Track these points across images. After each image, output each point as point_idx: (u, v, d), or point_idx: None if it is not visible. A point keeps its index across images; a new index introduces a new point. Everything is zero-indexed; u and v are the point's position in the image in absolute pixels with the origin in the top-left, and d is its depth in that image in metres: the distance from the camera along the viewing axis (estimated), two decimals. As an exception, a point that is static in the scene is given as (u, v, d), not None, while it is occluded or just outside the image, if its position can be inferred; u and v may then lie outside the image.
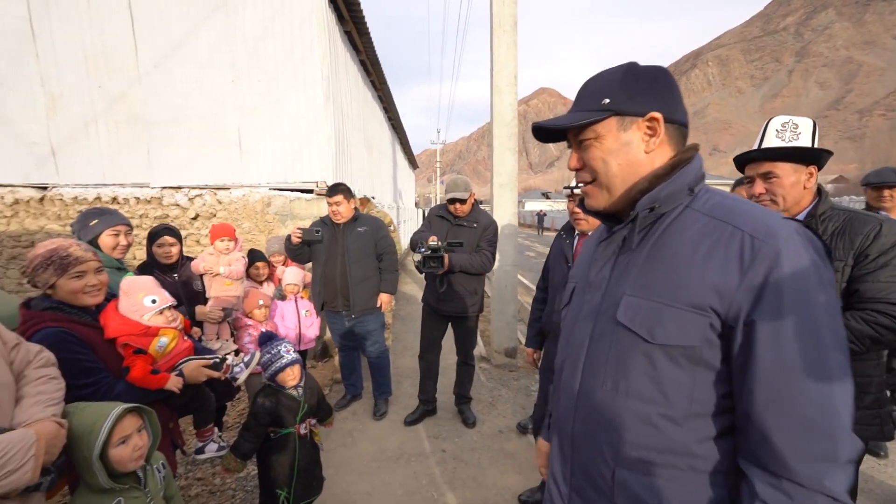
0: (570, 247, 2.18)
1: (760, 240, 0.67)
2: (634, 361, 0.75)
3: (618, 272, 0.82)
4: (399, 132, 13.53)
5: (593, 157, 0.81)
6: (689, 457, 0.72)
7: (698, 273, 0.70)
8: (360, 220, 3.16)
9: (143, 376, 1.52)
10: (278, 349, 1.93)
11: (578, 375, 0.85)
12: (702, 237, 0.72)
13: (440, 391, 3.76)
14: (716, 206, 0.75)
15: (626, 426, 0.76)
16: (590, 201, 0.86)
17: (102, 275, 1.56)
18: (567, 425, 0.87)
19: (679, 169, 0.77)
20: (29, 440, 0.96)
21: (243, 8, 4.61)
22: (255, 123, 4.82)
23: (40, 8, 4.57)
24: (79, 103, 4.75)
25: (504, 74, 3.99)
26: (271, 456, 1.94)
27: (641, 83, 0.78)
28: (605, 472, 0.79)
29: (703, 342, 0.70)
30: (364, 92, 7.55)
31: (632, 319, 0.75)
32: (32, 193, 4.85)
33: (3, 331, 1.15)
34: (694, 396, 0.71)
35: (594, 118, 0.78)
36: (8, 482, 0.90)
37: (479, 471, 2.64)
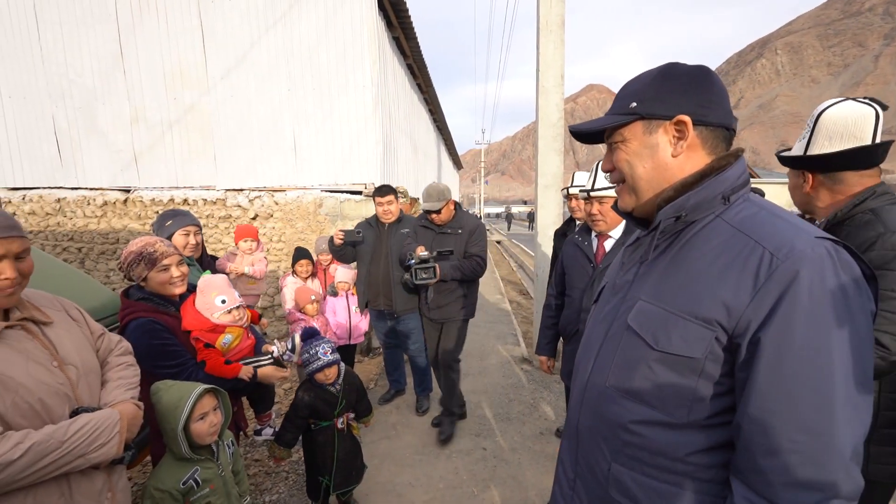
0: (591, 247, 2.16)
1: (780, 258, 0.64)
2: (637, 365, 0.77)
3: (640, 277, 0.84)
4: (444, 133, 13.69)
5: (620, 160, 0.83)
6: (682, 463, 0.73)
7: (711, 286, 0.69)
8: (404, 222, 3.27)
9: (218, 367, 1.70)
10: (316, 350, 2.04)
11: (588, 372, 0.88)
12: (722, 250, 0.71)
13: (479, 390, 3.80)
14: (746, 219, 0.72)
15: (624, 425, 0.78)
16: (620, 202, 0.89)
17: (183, 267, 1.76)
18: (574, 418, 0.91)
19: (710, 177, 0.75)
20: (114, 419, 1.09)
21: (299, 20, 4.89)
22: (309, 129, 5.10)
23: (128, 29, 5.11)
24: (157, 114, 5.26)
25: (550, 75, 3.96)
26: (313, 446, 2.09)
27: (674, 85, 0.77)
28: (602, 464, 0.82)
29: (705, 355, 0.69)
30: (411, 95, 7.73)
31: (641, 324, 0.77)
32: (118, 196, 5.42)
33: (91, 322, 1.28)
34: (693, 407, 0.71)
35: (619, 122, 0.80)
36: (99, 454, 1.04)
37: (520, 470, 2.65)
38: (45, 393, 1.02)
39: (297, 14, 4.87)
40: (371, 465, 2.67)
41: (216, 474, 1.47)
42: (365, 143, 5.05)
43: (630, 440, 0.77)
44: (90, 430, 1.03)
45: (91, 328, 1.26)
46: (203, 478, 1.42)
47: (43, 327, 1.11)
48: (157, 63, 5.15)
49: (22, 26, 5.20)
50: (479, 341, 5.18)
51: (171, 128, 5.28)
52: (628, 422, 0.77)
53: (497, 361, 4.53)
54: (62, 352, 1.11)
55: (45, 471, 0.96)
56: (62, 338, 1.13)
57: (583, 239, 2.21)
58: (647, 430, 0.75)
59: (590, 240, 2.18)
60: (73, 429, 1.01)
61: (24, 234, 1.05)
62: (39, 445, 0.94)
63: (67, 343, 1.14)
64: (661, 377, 0.73)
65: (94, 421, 1.05)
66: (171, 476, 1.38)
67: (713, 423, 0.71)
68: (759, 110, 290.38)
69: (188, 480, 1.39)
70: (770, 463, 0.63)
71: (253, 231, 3.18)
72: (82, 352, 1.16)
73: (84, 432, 1.02)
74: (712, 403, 0.70)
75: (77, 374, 1.12)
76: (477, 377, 4.12)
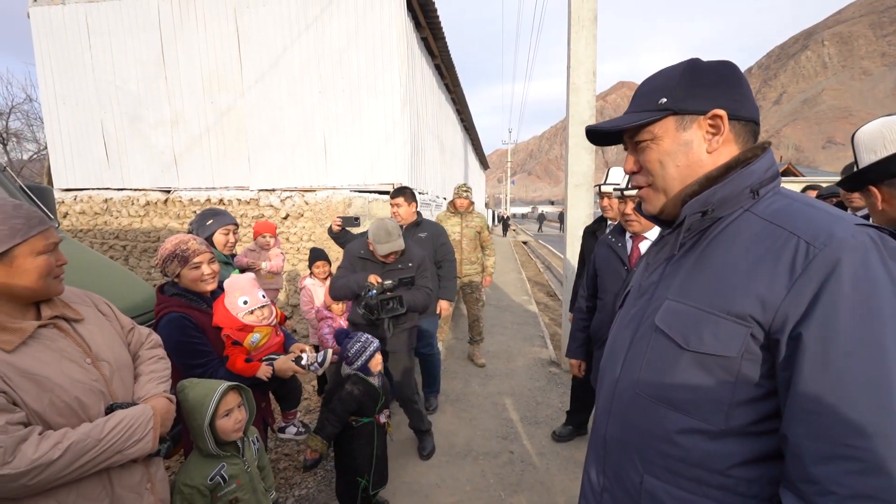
0: (625, 249, 2.08)
1: (817, 247, 0.60)
2: (668, 368, 0.72)
3: (666, 277, 0.80)
4: (471, 133, 13.65)
5: (650, 160, 0.78)
6: (723, 476, 0.67)
7: (743, 280, 0.65)
8: (423, 226, 3.27)
9: (240, 366, 1.74)
10: (366, 337, 2.09)
11: (614, 379, 0.84)
12: (753, 243, 0.67)
13: (505, 392, 3.75)
14: (778, 211, 0.68)
15: (657, 434, 0.73)
16: (646, 206, 0.84)
17: (215, 265, 1.81)
18: (602, 426, 0.87)
19: (736, 170, 0.72)
20: (148, 415, 1.11)
21: (330, 23, 4.98)
22: (339, 130, 5.19)
23: (169, 36, 5.34)
24: (195, 117, 5.48)
25: (581, 71, 3.86)
26: (352, 444, 2.07)
27: (704, 79, 0.74)
28: (634, 476, 0.77)
29: (741, 353, 0.64)
30: (438, 95, 7.74)
31: (669, 324, 0.73)
32: (159, 196, 5.68)
33: (121, 316, 1.30)
34: (731, 412, 0.66)
35: (650, 118, 0.75)
36: (135, 450, 1.07)
37: (548, 476, 2.59)
38: (81, 391, 1.04)
39: (329, 17, 4.97)
40: (397, 465, 2.68)
41: (242, 470, 1.49)
42: (393, 144, 5.09)
43: (665, 451, 0.72)
44: (125, 426, 1.05)
45: (121, 322, 1.28)
46: (229, 474, 1.45)
47: (75, 324, 1.12)
48: (196, 68, 5.36)
49: (75, 37, 5.53)
50: (506, 343, 5.12)
51: (208, 131, 5.49)
52: (663, 431, 0.72)
53: (524, 364, 4.46)
54: (95, 348, 1.12)
55: (84, 469, 0.98)
56: (94, 334, 1.15)
57: (616, 240, 2.13)
58: (684, 440, 0.70)
59: (624, 241, 2.10)
60: (108, 426, 1.03)
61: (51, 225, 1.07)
62: (77, 445, 0.96)
63: (99, 339, 1.15)
64: (694, 380, 0.69)
65: (129, 418, 1.07)
66: (198, 472, 1.41)
67: (756, 430, 0.65)
68: (803, 105, 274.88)
69: (215, 476, 1.41)
70: (825, 471, 0.56)
71: (271, 227, 3.27)
72: (114, 347, 1.18)
73: (119, 429, 1.04)
74: (753, 408, 0.65)
75: (110, 370, 1.14)
76: (503, 379, 4.06)
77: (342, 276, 2.61)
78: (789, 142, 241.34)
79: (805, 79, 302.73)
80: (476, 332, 4.44)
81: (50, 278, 1.03)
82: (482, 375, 4.15)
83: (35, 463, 0.89)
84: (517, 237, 26.30)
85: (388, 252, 2.48)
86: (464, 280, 4.20)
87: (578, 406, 2.95)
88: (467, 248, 4.11)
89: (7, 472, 0.87)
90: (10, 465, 0.87)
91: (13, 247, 0.98)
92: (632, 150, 0.82)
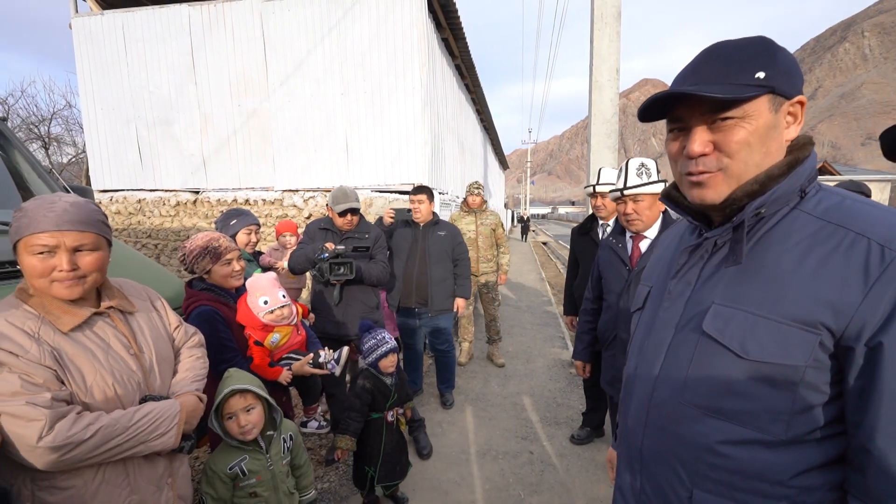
0: (625, 250, 2.03)
1: (893, 249, 0.58)
2: (721, 378, 0.68)
3: (705, 279, 0.75)
4: (490, 133, 13.61)
5: (736, 140, 0.67)
6: (783, 487, 0.64)
7: (808, 284, 0.62)
8: (440, 225, 3.31)
9: (261, 367, 1.79)
10: (382, 335, 2.12)
11: (651, 387, 0.79)
12: (813, 244, 0.64)
13: (525, 392, 3.73)
14: (831, 209, 0.66)
15: (708, 446, 0.69)
16: (705, 192, 0.71)
17: (242, 262, 1.88)
18: (637, 439, 0.82)
19: (795, 168, 0.68)
20: (175, 410, 1.14)
21: (353, 25, 5.07)
22: (360, 131, 5.27)
23: (199, 42, 5.54)
24: (223, 120, 5.66)
25: (605, 69, 3.81)
26: (362, 436, 2.13)
27: (788, 59, 0.67)
28: (680, 491, 0.73)
29: (808, 362, 0.61)
30: (458, 96, 7.76)
31: (721, 331, 0.68)
32: (189, 196, 5.89)
33: (171, 313, 1.34)
34: (792, 421, 0.63)
35: (752, 94, 0.65)
36: (159, 443, 1.10)
37: (569, 477, 2.57)
38: (120, 379, 1.09)
39: (351, 20, 5.05)
40: (417, 461, 2.70)
41: (264, 466, 1.51)
42: (413, 144, 5.14)
43: (718, 463, 0.68)
44: (152, 418, 1.08)
45: (170, 319, 1.34)
46: (250, 468, 1.47)
47: (127, 316, 1.18)
48: (224, 73, 5.54)
49: (112, 45, 5.80)
50: (526, 343, 5.09)
51: (234, 133, 5.67)
52: (714, 442, 0.68)
53: (544, 364, 4.42)
54: (140, 340, 1.17)
55: (110, 453, 1.02)
56: (142, 327, 1.20)
57: (617, 241, 2.10)
58: (739, 452, 0.66)
59: (624, 241, 2.07)
60: (137, 416, 1.06)
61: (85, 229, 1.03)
62: (107, 429, 1.00)
63: (146, 332, 1.20)
64: (752, 390, 0.65)
65: (157, 410, 1.10)
66: (222, 460, 1.46)
67: (816, 437, 0.63)
68: (841, 100, 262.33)
69: (234, 467, 1.45)
70: None
71: (292, 226, 3.35)
72: (158, 342, 1.23)
73: (147, 420, 1.07)
74: (815, 416, 0.62)
75: (150, 363, 1.18)
76: (523, 379, 4.04)
77: (300, 247, 2.70)
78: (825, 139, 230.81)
79: (843, 72, 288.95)
80: (493, 331, 4.43)
81: (45, 280, 1.01)
82: (501, 375, 4.14)
83: (68, 440, 0.94)
84: (536, 237, 26.03)
85: (344, 209, 2.57)
86: (480, 280, 4.20)
87: (594, 405, 2.93)
88: (483, 246, 4.11)
89: (43, 444, 0.92)
90: (47, 438, 0.92)
91: (15, 242, 1.01)
92: (706, 129, 0.70)
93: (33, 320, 1.01)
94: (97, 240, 1.07)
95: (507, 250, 4.32)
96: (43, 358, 0.98)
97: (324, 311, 2.70)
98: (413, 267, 3.26)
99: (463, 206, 4.24)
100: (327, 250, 2.49)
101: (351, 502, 2.38)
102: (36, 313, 1.02)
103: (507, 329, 5.61)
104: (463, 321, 4.33)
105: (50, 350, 1.00)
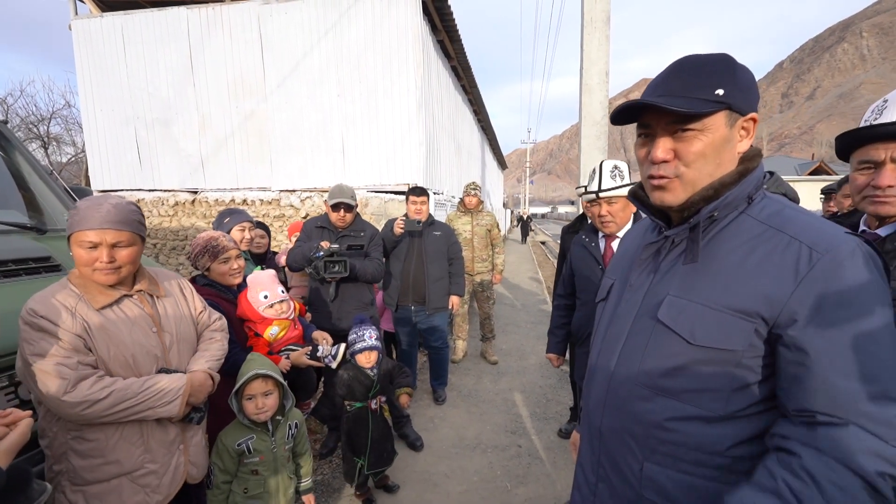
0: (598, 249, 2.09)
1: (820, 252, 0.67)
2: (672, 361, 0.76)
3: (663, 272, 0.82)
4: (488, 133, 13.68)
5: (694, 150, 0.74)
6: (720, 456, 0.73)
7: (749, 280, 0.70)
8: (436, 225, 3.39)
9: None
10: (363, 333, 2.21)
11: (611, 371, 0.86)
12: (756, 244, 0.72)
13: (516, 389, 3.81)
14: (773, 215, 0.74)
15: (658, 423, 0.77)
16: (664, 195, 0.79)
17: (241, 260, 1.95)
18: (597, 418, 0.89)
19: (745, 177, 0.76)
20: (181, 383, 1.29)
21: (349, 28, 5.14)
22: (356, 132, 5.34)
23: (197, 44, 5.60)
24: (221, 121, 5.73)
25: (594, 72, 3.89)
26: (349, 427, 2.23)
27: (745, 77, 0.74)
28: (633, 464, 0.81)
29: (745, 347, 0.70)
30: (455, 97, 7.82)
31: (674, 319, 0.76)
32: (187, 196, 5.96)
33: (197, 299, 1.53)
34: (730, 399, 0.72)
35: (711, 109, 0.71)
36: (164, 411, 1.25)
37: (554, 469, 2.64)
38: (139, 352, 1.25)
39: (347, 22, 5.12)
40: (409, 454, 2.77)
41: (268, 448, 1.62)
42: (408, 145, 5.21)
43: (665, 437, 0.76)
44: (160, 388, 1.24)
45: (195, 305, 1.51)
46: (254, 447, 1.58)
47: (155, 299, 1.36)
48: (222, 74, 5.61)
49: (112, 47, 5.86)
50: (520, 341, 5.16)
51: (232, 134, 5.74)
52: (663, 419, 0.76)
53: (536, 362, 4.50)
54: (163, 321, 1.34)
55: (122, 414, 1.18)
56: (167, 309, 1.37)
57: (590, 240, 2.15)
58: (685, 427, 0.74)
59: (597, 241, 2.12)
60: (147, 384, 1.23)
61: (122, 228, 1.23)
62: (120, 392, 1.17)
63: (171, 314, 1.38)
64: (697, 371, 0.73)
65: (165, 382, 1.26)
66: (232, 436, 1.58)
67: (749, 413, 0.72)
68: (839, 100, 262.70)
69: (242, 444, 1.56)
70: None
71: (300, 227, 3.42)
72: (181, 323, 1.40)
73: (155, 389, 1.23)
74: (749, 394, 0.71)
75: (170, 340, 1.35)
76: (515, 376, 4.12)
77: (298, 245, 2.78)
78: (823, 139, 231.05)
79: (841, 72, 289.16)
80: (488, 329, 4.50)
81: (89, 268, 1.21)
82: (494, 372, 4.22)
83: (86, 398, 1.12)
84: (535, 237, 26.12)
85: (336, 202, 2.67)
86: (476, 279, 4.28)
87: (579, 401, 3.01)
88: (478, 246, 4.19)
89: (66, 399, 1.10)
90: (70, 394, 1.10)
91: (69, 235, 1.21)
92: (668, 137, 0.76)
93: (73, 298, 1.20)
94: (133, 237, 1.26)
95: (501, 251, 4.40)
96: (75, 328, 1.16)
97: (320, 308, 2.77)
98: (410, 266, 3.32)
99: (460, 207, 4.31)
100: (322, 249, 2.56)
101: (343, 494, 2.45)
102: (77, 292, 1.22)
103: (502, 327, 5.68)
104: (458, 319, 4.40)
105: (82, 322, 1.18)
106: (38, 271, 1.63)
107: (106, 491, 1.22)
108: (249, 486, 1.59)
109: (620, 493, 0.84)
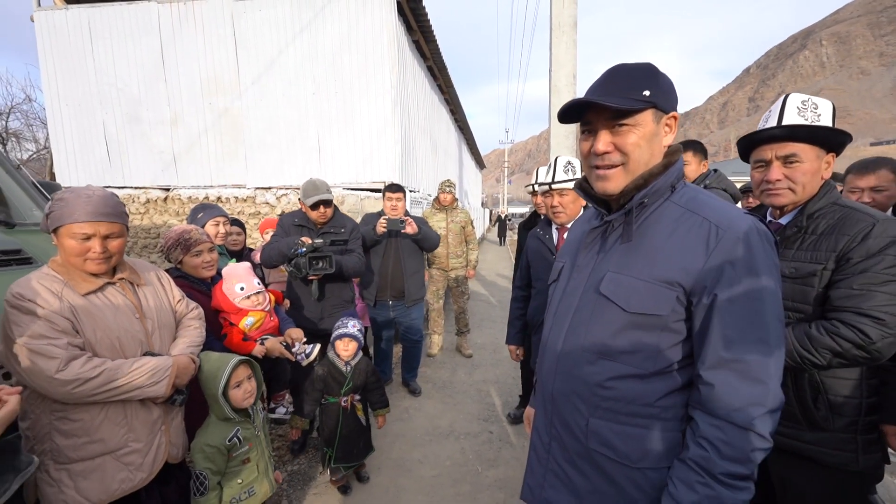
0: (552, 240, 2.26)
1: (724, 229, 0.81)
2: (611, 327, 0.89)
3: (605, 252, 0.96)
4: (465, 133, 13.81)
5: (630, 142, 0.86)
6: (651, 407, 0.87)
7: (670, 254, 0.85)
8: None
9: (236, 343, 1.93)
10: (347, 322, 2.30)
11: (561, 340, 0.98)
12: (676, 225, 0.87)
13: (490, 380, 3.94)
14: (690, 200, 0.89)
15: (600, 383, 0.91)
16: (611, 184, 0.90)
17: (214, 253, 2.00)
18: (549, 385, 1.01)
19: (668, 169, 0.90)
20: (167, 364, 1.37)
21: (324, 27, 5.16)
22: (332, 130, 5.36)
23: (168, 39, 5.51)
24: (194, 118, 5.65)
25: (562, 74, 4.06)
26: (322, 419, 2.32)
27: (667, 82, 0.88)
28: (580, 421, 0.94)
29: (669, 312, 0.84)
30: (431, 96, 7.91)
31: (613, 292, 0.90)
32: (159, 194, 5.85)
33: (174, 289, 1.60)
34: (658, 358, 0.86)
35: (641, 106, 0.84)
36: (152, 390, 1.32)
37: (524, 453, 2.78)
38: (123, 335, 1.32)
39: (322, 21, 5.14)
40: (384, 444, 2.86)
41: (253, 434, 1.69)
42: (384, 143, 5.27)
43: (606, 395, 0.89)
44: (148, 369, 1.31)
45: (174, 293, 1.59)
46: (243, 436, 1.64)
47: (136, 287, 1.43)
48: (195, 71, 5.53)
49: (78, 40, 5.70)
50: (494, 336, 5.31)
51: (206, 131, 5.66)
52: (605, 379, 0.90)
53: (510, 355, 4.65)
54: (144, 307, 1.42)
55: (111, 393, 1.23)
56: (148, 297, 1.45)
57: (544, 232, 2.32)
58: (622, 384, 0.88)
59: (550, 233, 2.29)
60: (136, 365, 1.29)
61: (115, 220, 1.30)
62: (110, 371, 1.23)
63: (151, 302, 1.45)
64: (632, 336, 0.87)
65: (153, 363, 1.32)
66: (218, 434, 1.60)
67: (674, 369, 0.86)
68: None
69: (233, 438, 1.61)
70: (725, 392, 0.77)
71: (274, 223, 3.44)
72: (161, 310, 1.48)
73: (144, 370, 1.30)
74: (674, 353, 0.85)
75: (152, 327, 1.42)
76: (489, 368, 4.26)
77: (274, 240, 2.65)
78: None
79: (803, 78, 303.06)
80: (462, 323, 4.62)
81: (80, 259, 1.27)
82: (469, 365, 4.34)
83: (78, 376, 1.17)
84: (513, 236, 26.41)
85: (316, 201, 2.53)
86: (451, 275, 4.39)
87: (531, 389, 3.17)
88: (453, 243, 4.30)
89: (59, 377, 1.15)
90: (62, 372, 1.16)
91: (57, 227, 1.26)
92: (608, 132, 0.88)
93: (58, 283, 1.26)
94: (122, 228, 1.34)
95: (475, 247, 4.52)
96: (63, 311, 1.22)
97: (299, 307, 2.71)
98: (388, 262, 3.40)
99: (435, 204, 4.41)
100: (304, 244, 2.44)
101: (319, 482, 2.52)
102: (61, 279, 1.27)
103: (478, 322, 5.82)
104: (433, 314, 4.50)
105: (69, 307, 1.24)
106: (10, 263, 1.65)
107: (90, 469, 1.26)
108: (244, 476, 1.64)
109: (570, 447, 0.96)
